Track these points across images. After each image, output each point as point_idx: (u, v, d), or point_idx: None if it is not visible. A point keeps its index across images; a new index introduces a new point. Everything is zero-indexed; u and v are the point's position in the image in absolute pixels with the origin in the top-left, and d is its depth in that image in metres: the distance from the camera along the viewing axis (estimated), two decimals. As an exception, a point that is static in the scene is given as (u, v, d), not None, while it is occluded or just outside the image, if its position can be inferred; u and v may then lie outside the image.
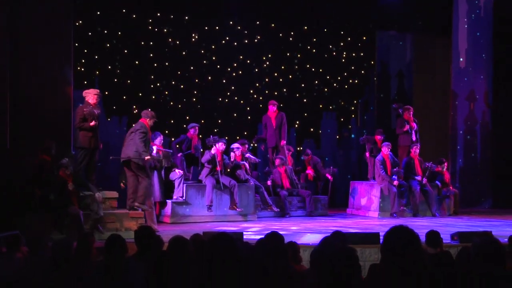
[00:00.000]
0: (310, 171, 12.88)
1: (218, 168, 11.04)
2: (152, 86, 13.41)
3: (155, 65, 13.46)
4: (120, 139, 12.99)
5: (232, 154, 11.57)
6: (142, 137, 9.04)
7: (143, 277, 4.13)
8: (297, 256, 5.65)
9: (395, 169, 11.95)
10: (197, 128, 11.92)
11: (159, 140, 11.09)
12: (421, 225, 9.97)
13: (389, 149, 12.11)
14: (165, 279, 4.17)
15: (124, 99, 13.08)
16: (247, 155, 11.97)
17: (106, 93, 12.89)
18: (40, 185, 8.09)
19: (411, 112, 12.78)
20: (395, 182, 11.76)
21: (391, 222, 10.34)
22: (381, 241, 6.19)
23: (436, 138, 14.96)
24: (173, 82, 13.69)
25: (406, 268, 3.08)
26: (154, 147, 10.83)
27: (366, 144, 12.96)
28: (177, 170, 11.15)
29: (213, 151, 11.05)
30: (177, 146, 11.97)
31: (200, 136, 12.40)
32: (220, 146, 11.13)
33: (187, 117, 13.56)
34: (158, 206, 11.14)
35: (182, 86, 13.77)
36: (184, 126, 12.47)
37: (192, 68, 13.89)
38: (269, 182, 12.17)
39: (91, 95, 9.63)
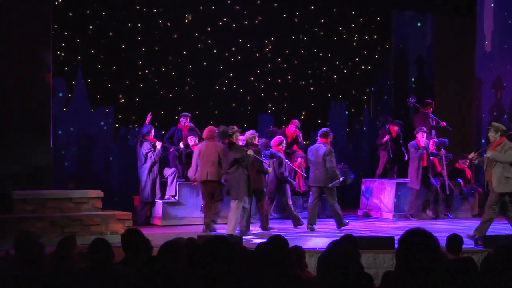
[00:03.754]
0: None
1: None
2: (140, 73, 13.39)
3: (144, 49, 13.42)
4: (106, 131, 13.14)
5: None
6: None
7: (131, 285, 4.14)
8: (303, 262, 5.67)
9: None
10: (188, 118, 11.94)
11: (152, 131, 11.15)
12: (441, 228, 9.97)
13: (425, 137, 11.77)
14: (155, 288, 4.18)
15: (109, 87, 13.07)
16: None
17: (89, 80, 12.89)
18: None
19: (432, 108, 12.70)
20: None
21: (407, 225, 10.36)
22: (396, 245, 6.20)
23: (459, 131, 14.93)
24: (164, 69, 13.67)
25: (423, 276, 3.08)
26: (158, 144, 10.96)
27: (382, 128, 12.89)
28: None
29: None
30: (169, 140, 12.00)
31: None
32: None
33: (179, 108, 13.56)
34: (149, 207, 11.19)
35: (173, 73, 13.75)
36: (176, 118, 12.48)
37: (185, 52, 13.85)
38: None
39: None
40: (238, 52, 14.28)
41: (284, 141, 10.85)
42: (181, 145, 11.59)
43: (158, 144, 11.05)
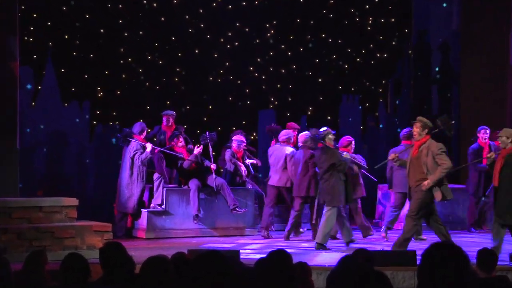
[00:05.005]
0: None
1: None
2: (122, 61, 13.40)
3: (126, 34, 13.45)
4: (81, 129, 13.12)
5: (234, 147, 11.71)
6: None
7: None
8: (308, 281, 5.67)
9: None
10: (171, 118, 11.92)
11: (143, 132, 11.21)
12: (472, 242, 10.00)
13: (488, 135, 11.87)
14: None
15: (85, 78, 13.07)
16: (247, 160, 11.95)
17: (62, 70, 12.88)
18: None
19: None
20: None
21: (431, 238, 10.34)
22: (418, 262, 6.19)
23: (491, 126, 14.88)
24: (149, 57, 13.69)
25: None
26: (149, 145, 10.97)
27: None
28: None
29: (196, 151, 11.31)
30: (155, 139, 12.03)
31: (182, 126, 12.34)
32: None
33: (168, 102, 13.56)
34: (131, 218, 11.22)
35: (161, 62, 13.77)
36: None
37: (173, 38, 13.87)
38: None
39: None
40: (235, 38, 14.28)
41: (353, 142, 11.26)
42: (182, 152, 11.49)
43: (148, 146, 11.03)
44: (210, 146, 11.35)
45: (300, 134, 11.00)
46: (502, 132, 9.18)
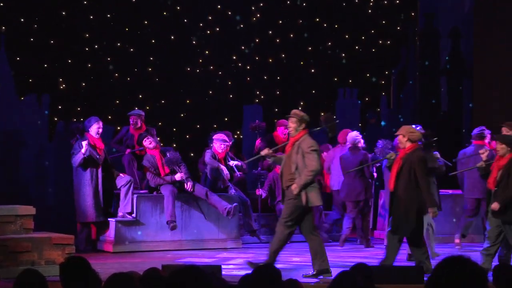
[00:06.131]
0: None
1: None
2: (87, 48, 13.40)
3: (91, 17, 13.42)
4: (39, 127, 13.03)
5: (215, 148, 11.75)
6: None
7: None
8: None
9: None
10: (139, 119, 11.95)
11: (95, 128, 11.08)
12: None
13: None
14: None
15: (44, 68, 13.03)
16: (230, 162, 11.99)
17: (18, 59, 12.83)
18: None
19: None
20: None
21: (442, 251, 10.39)
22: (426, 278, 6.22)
23: (508, 119, 14.94)
24: (119, 44, 13.69)
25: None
26: (84, 143, 10.85)
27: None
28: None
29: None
30: (117, 145, 12.08)
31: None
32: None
33: (140, 96, 13.56)
34: (95, 228, 11.20)
35: (132, 50, 13.77)
36: (136, 108, 12.48)
37: (146, 22, 13.89)
38: (260, 192, 12.17)
39: None
40: (216, 23, 14.32)
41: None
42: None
43: (83, 144, 10.83)
44: (179, 168, 11.36)
45: (349, 135, 11.53)
46: (398, 130, 9.05)
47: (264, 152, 9.24)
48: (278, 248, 8.85)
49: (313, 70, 15.16)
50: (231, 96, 14.50)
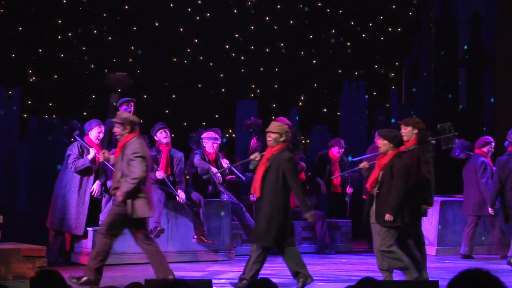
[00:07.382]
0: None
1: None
2: (60, 37, 13.43)
3: (65, 1, 13.45)
4: (8, 125, 12.87)
5: (205, 148, 11.82)
6: None
7: None
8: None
9: None
10: (133, 107, 12.00)
11: (96, 133, 11.15)
12: (509, 270, 10.36)
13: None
14: None
15: (13, 59, 13.07)
16: (223, 161, 12.08)
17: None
18: None
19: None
20: None
21: (459, 265, 10.65)
22: None
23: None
24: (96, 31, 13.71)
25: None
26: (92, 151, 10.92)
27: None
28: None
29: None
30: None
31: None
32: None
33: (119, 89, 13.65)
34: (69, 238, 11.27)
35: (110, 38, 13.79)
36: (114, 104, 12.55)
37: (127, 7, 13.91)
38: (254, 197, 12.29)
39: None
40: (206, 9, 14.31)
41: (493, 143, 12.08)
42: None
43: (92, 152, 10.98)
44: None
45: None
46: (269, 127, 9.15)
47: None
48: (103, 259, 8.92)
49: (314, 61, 15.16)
50: (223, 90, 14.50)
